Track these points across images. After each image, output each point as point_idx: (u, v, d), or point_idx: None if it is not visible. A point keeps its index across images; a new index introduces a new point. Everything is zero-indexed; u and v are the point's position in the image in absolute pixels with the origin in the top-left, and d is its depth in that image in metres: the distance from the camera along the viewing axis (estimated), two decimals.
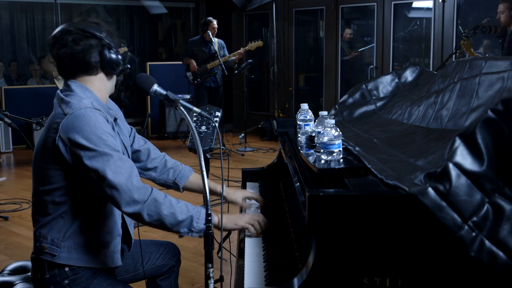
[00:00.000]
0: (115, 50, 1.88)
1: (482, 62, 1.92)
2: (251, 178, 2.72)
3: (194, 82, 7.41)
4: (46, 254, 1.84)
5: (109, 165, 1.71)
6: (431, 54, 7.42)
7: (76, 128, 1.73)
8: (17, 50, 8.98)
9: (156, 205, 1.75)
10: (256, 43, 7.47)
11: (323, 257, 1.38)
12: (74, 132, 1.72)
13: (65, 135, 1.73)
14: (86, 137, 1.71)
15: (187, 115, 1.80)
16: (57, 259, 1.83)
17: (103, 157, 1.71)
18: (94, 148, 1.71)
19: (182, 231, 1.78)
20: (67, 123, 1.74)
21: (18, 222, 4.65)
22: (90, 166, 1.71)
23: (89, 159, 1.71)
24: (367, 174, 1.64)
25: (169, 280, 2.27)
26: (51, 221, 1.84)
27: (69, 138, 1.73)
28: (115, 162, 1.72)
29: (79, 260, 1.85)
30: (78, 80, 1.87)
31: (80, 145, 1.71)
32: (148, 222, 1.76)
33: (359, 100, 2.68)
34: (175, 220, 1.76)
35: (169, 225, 1.77)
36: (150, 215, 1.74)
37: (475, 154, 1.39)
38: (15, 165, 7.07)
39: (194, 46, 7.44)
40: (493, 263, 1.35)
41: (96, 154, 1.71)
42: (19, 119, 3.66)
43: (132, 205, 1.72)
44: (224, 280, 1.69)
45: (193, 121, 2.59)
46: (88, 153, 1.71)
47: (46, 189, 1.83)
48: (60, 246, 1.83)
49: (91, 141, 1.71)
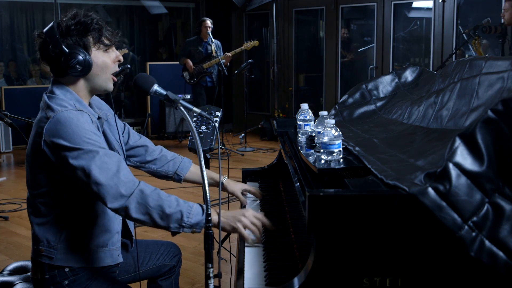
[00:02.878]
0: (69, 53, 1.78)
1: (482, 62, 1.92)
2: (251, 178, 2.72)
3: (190, 81, 7.48)
4: (44, 257, 1.84)
5: (94, 162, 1.69)
6: (431, 54, 7.42)
7: (59, 131, 1.71)
8: (17, 50, 8.98)
9: (143, 197, 1.69)
10: (252, 42, 7.49)
11: (323, 257, 1.38)
12: (57, 135, 1.71)
13: (49, 138, 1.72)
14: (69, 139, 1.70)
15: (187, 115, 1.80)
16: (55, 261, 1.83)
17: (88, 155, 1.69)
18: (78, 147, 1.69)
19: (172, 226, 1.70)
20: (50, 127, 1.73)
21: (18, 222, 4.65)
22: (76, 165, 1.69)
23: (74, 159, 1.69)
24: (367, 174, 1.64)
25: (169, 280, 2.27)
26: (45, 224, 1.84)
27: (52, 141, 1.71)
28: (101, 158, 1.70)
29: (77, 261, 1.85)
30: (60, 81, 1.86)
31: (64, 146, 1.70)
32: (136, 217, 1.69)
33: (359, 100, 2.68)
34: (163, 213, 1.69)
35: (158, 219, 1.69)
36: (137, 208, 1.68)
37: (475, 154, 1.39)
38: (15, 165, 7.07)
39: (190, 46, 7.51)
40: (493, 263, 1.35)
41: (80, 153, 1.69)
42: (19, 119, 3.66)
43: (119, 199, 1.68)
44: (221, 277, 1.68)
45: (193, 121, 2.59)
46: (73, 153, 1.69)
47: (37, 192, 1.83)
48: (57, 248, 1.83)
49: (74, 142, 1.69)
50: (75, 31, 1.81)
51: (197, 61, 7.42)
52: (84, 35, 1.82)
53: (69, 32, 1.81)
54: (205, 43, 7.42)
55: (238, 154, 7.26)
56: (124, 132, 2.15)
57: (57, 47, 1.78)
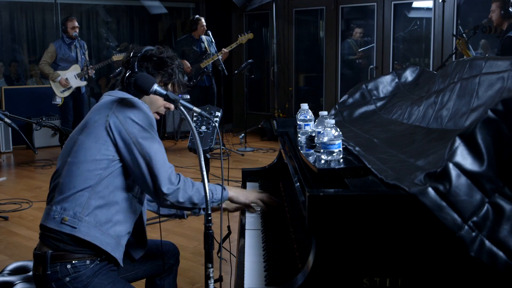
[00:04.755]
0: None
1: (482, 62, 1.92)
2: (251, 178, 2.73)
3: (189, 83, 7.17)
4: (66, 226, 1.85)
5: (157, 148, 1.90)
6: (431, 54, 7.42)
7: (133, 109, 1.90)
8: (17, 50, 8.98)
9: (185, 185, 1.92)
10: (247, 35, 7.27)
11: (323, 257, 1.38)
12: (131, 112, 1.89)
13: (119, 113, 1.89)
14: (141, 120, 1.89)
15: (187, 115, 1.80)
16: (77, 232, 1.85)
17: (153, 140, 1.90)
18: (148, 130, 1.90)
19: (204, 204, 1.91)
20: (124, 104, 1.91)
21: (18, 222, 4.65)
22: (143, 144, 1.87)
23: (142, 139, 1.88)
24: (367, 174, 1.64)
25: (168, 279, 2.28)
26: (75, 194, 1.87)
27: (125, 115, 1.88)
28: (160, 148, 1.91)
29: (96, 238, 1.87)
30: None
31: (136, 123, 1.88)
32: (182, 201, 1.91)
33: (359, 100, 2.68)
34: (199, 194, 1.94)
35: (196, 200, 1.94)
36: (182, 194, 1.90)
37: (475, 154, 1.39)
38: (15, 165, 7.06)
39: (184, 46, 7.28)
40: (493, 263, 1.35)
41: (149, 136, 1.89)
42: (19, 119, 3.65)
43: (171, 185, 1.88)
44: (223, 280, 1.69)
45: (193, 121, 2.59)
46: (143, 134, 1.89)
47: (81, 160, 1.89)
48: (82, 220, 1.86)
49: (144, 124, 1.89)
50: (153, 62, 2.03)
51: (193, 61, 7.19)
52: (158, 69, 2.03)
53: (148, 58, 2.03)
54: (198, 41, 7.24)
55: (238, 154, 7.26)
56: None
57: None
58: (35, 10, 8.93)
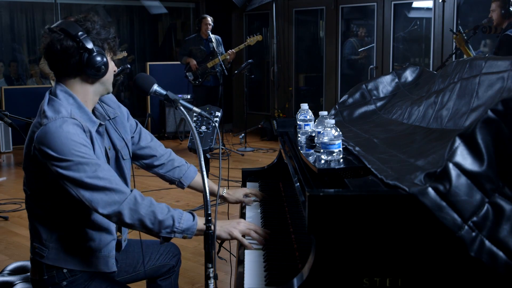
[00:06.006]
0: (96, 53, 1.78)
1: (482, 62, 1.92)
2: (251, 178, 2.73)
3: (195, 82, 7.20)
4: (36, 254, 1.85)
5: (85, 173, 1.69)
6: (431, 54, 7.42)
7: (48, 141, 1.69)
8: (17, 50, 8.98)
9: (135, 204, 1.72)
10: (256, 37, 7.26)
11: (323, 257, 1.38)
12: (45, 145, 1.69)
13: (38, 145, 1.71)
14: (57, 150, 1.68)
15: (187, 115, 1.80)
16: (46, 260, 1.84)
17: (78, 166, 1.69)
18: (67, 159, 1.68)
19: (163, 231, 1.74)
20: (40, 134, 1.71)
21: (18, 222, 4.65)
22: (66, 175, 1.69)
23: (64, 169, 1.69)
24: (367, 174, 1.64)
25: (169, 280, 2.27)
26: (39, 221, 1.85)
27: (41, 149, 1.70)
28: (91, 168, 1.70)
29: (67, 262, 1.85)
30: (64, 83, 1.83)
31: (52, 157, 1.69)
32: (129, 223, 1.72)
33: (359, 100, 2.68)
34: (155, 218, 1.72)
35: (150, 225, 1.73)
36: (130, 214, 1.71)
37: (475, 154, 1.39)
38: (15, 165, 7.06)
39: (191, 45, 7.27)
40: (493, 263, 1.35)
41: (70, 164, 1.68)
42: (19, 119, 3.66)
43: (112, 205, 1.70)
44: (218, 278, 1.69)
45: (193, 121, 2.59)
46: (63, 164, 1.69)
47: (32, 190, 1.85)
48: (48, 247, 1.84)
49: (62, 153, 1.68)
50: (97, 33, 1.81)
51: (200, 60, 7.15)
52: (105, 39, 1.83)
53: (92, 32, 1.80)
54: (206, 41, 7.18)
55: (238, 154, 7.26)
56: (135, 132, 2.14)
57: (81, 44, 1.76)
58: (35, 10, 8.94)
